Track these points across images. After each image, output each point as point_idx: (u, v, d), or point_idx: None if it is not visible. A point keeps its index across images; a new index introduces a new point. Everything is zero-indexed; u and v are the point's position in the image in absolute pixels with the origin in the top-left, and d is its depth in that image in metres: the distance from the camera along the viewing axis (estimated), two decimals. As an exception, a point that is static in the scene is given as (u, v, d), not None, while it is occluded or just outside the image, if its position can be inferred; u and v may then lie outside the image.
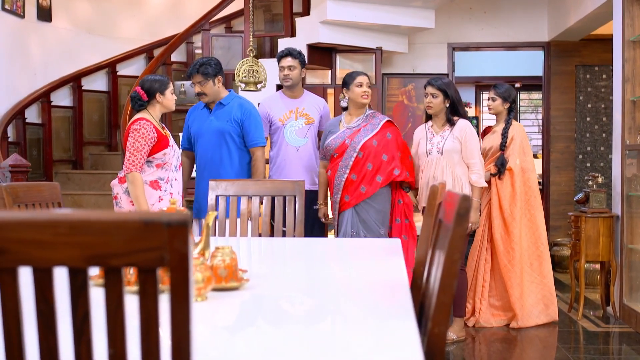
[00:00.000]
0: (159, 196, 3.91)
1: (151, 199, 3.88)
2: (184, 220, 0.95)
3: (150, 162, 3.88)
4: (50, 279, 0.98)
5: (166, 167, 3.93)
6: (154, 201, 3.90)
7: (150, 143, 3.83)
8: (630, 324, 4.78)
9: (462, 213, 1.44)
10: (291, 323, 1.48)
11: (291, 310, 1.60)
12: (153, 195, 3.90)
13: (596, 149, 7.60)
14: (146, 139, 3.80)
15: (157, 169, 3.91)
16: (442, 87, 4.34)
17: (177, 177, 4.03)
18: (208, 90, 4.18)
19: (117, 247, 0.95)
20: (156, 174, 3.91)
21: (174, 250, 0.95)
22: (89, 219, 0.95)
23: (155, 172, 3.91)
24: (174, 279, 0.97)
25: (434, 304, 1.46)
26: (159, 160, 3.89)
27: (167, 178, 3.94)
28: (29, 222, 0.95)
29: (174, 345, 0.99)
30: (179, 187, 4.05)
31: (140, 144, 3.79)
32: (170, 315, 0.97)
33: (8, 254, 0.95)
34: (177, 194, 4.02)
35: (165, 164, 3.92)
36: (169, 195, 3.96)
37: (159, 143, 3.87)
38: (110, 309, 0.99)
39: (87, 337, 1.00)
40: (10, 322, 0.99)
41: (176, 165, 4.00)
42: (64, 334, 1.01)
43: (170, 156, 3.93)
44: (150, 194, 3.88)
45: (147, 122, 3.86)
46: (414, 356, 1.19)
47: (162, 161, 3.90)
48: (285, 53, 4.50)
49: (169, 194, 3.95)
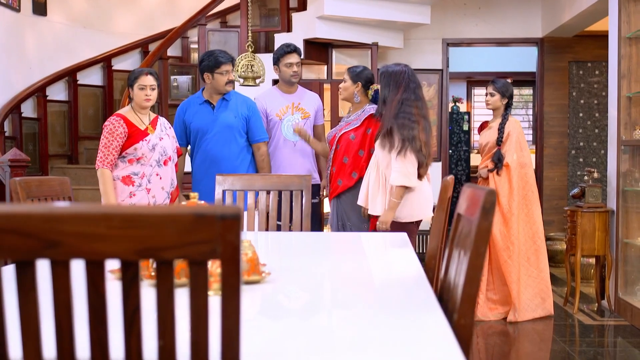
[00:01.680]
0: (131, 192, 3.90)
1: (122, 194, 3.88)
2: (236, 213, 0.97)
3: (124, 157, 3.90)
4: (102, 272, 1.00)
5: (142, 162, 3.91)
6: (124, 197, 3.89)
7: (119, 138, 3.85)
8: (626, 317, 4.84)
9: (487, 207, 1.46)
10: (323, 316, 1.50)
11: (320, 304, 1.62)
12: (124, 190, 3.89)
13: (589, 144, 7.67)
14: (114, 135, 3.84)
15: (130, 165, 3.90)
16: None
17: (162, 172, 3.99)
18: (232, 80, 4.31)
19: (169, 240, 0.97)
20: (129, 169, 3.91)
21: (226, 243, 0.97)
22: (143, 212, 0.97)
23: (128, 167, 3.91)
24: (226, 271, 0.99)
25: (460, 296, 1.48)
26: (130, 156, 3.89)
27: (143, 173, 3.92)
28: (84, 215, 0.96)
29: (224, 336, 1.00)
30: (165, 183, 4.01)
31: (108, 140, 3.84)
32: (222, 305, 0.99)
33: (62, 246, 0.97)
34: (160, 190, 3.99)
35: (140, 159, 3.91)
36: (145, 191, 3.93)
37: (131, 138, 3.88)
38: (161, 301, 1.01)
39: (137, 328, 1.01)
40: (62, 314, 1.01)
41: (159, 161, 3.97)
42: (113, 326, 1.03)
43: (146, 150, 3.91)
44: (121, 190, 3.88)
45: (118, 117, 3.91)
46: (450, 347, 1.21)
47: (135, 156, 3.89)
48: (292, 49, 4.49)
49: (144, 189, 3.93)
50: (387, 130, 3.80)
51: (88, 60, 6.89)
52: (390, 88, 3.89)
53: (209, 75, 4.09)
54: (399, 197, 3.80)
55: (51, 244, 0.96)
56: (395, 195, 3.80)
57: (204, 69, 4.13)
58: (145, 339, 1.02)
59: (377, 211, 3.89)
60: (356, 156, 4.23)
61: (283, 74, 4.51)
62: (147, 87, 3.92)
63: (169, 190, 4.05)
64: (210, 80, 4.11)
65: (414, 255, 2.34)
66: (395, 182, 3.78)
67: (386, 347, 1.28)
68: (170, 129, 4.17)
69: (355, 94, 4.28)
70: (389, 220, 3.82)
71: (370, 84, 4.32)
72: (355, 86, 4.28)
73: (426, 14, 6.64)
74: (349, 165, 4.23)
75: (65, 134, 6.71)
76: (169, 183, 4.05)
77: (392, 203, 3.80)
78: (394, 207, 3.81)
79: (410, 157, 3.78)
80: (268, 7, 7.04)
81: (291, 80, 4.51)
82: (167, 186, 4.03)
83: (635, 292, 4.91)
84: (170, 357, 1.03)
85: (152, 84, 3.95)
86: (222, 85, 4.13)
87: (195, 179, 4.35)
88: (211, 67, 4.10)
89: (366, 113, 4.28)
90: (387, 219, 3.81)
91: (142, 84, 3.93)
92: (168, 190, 4.04)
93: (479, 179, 4.99)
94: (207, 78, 4.09)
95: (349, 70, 4.34)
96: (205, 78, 4.11)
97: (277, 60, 4.52)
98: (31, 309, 1.00)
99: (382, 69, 4.02)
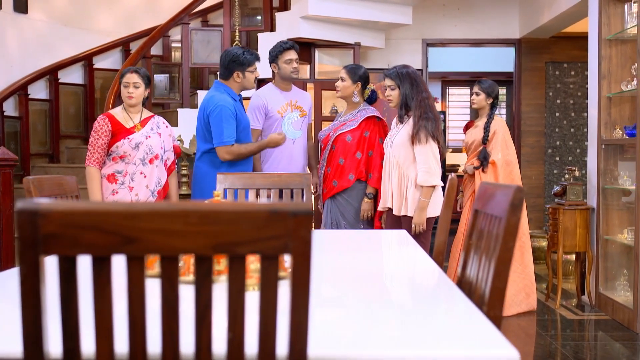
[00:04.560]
0: (113, 189, 3.95)
1: (106, 192, 3.94)
2: (308, 209, 1.01)
3: (109, 155, 3.97)
4: (176, 267, 1.03)
5: (126, 160, 3.95)
6: (107, 194, 3.93)
7: (104, 137, 3.92)
8: (607, 312, 4.97)
9: (516, 203, 1.52)
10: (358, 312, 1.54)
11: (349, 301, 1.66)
12: (108, 188, 3.95)
13: (565, 143, 7.84)
14: (99, 133, 3.93)
15: (114, 162, 3.96)
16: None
17: (147, 171, 4.00)
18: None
19: (244, 235, 1.01)
20: (113, 167, 3.96)
21: (298, 238, 1.01)
22: (218, 209, 1.01)
23: (113, 165, 3.97)
24: (296, 265, 1.03)
25: (489, 289, 1.54)
26: (114, 154, 3.95)
27: (126, 172, 3.95)
28: (162, 213, 0.99)
29: (292, 327, 1.04)
30: (150, 181, 4.02)
31: (94, 138, 3.94)
32: (291, 299, 1.03)
33: (139, 242, 1.00)
34: (144, 188, 4.00)
35: (124, 157, 3.95)
36: (128, 189, 3.95)
37: (115, 136, 3.94)
38: (232, 295, 1.04)
39: (208, 321, 1.05)
40: (136, 308, 1.04)
41: (143, 159, 3.98)
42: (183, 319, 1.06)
43: (128, 148, 3.94)
44: (105, 187, 3.95)
45: (104, 116, 3.99)
46: (494, 337, 1.27)
47: (117, 154, 3.94)
48: (291, 45, 4.48)
49: (127, 187, 3.95)
50: (418, 129, 3.86)
51: (69, 59, 6.82)
52: (412, 88, 3.95)
53: (240, 73, 4.06)
54: (428, 196, 3.87)
55: (130, 240, 1.00)
56: (424, 195, 3.86)
57: (234, 67, 4.06)
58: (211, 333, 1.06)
59: (411, 211, 3.94)
60: (353, 158, 4.26)
61: (283, 70, 4.47)
62: (130, 85, 3.98)
63: (154, 189, 4.04)
64: (240, 78, 4.07)
65: (422, 251, 2.40)
66: (424, 182, 3.86)
67: (434, 336, 1.33)
68: (167, 128, 4.17)
69: (355, 93, 4.33)
70: (424, 220, 3.88)
71: (367, 83, 4.37)
72: (355, 86, 4.32)
73: (408, 15, 6.73)
74: (345, 167, 4.27)
75: (46, 133, 6.64)
76: (155, 182, 4.05)
77: (423, 203, 3.87)
78: (425, 207, 3.87)
79: (437, 155, 3.89)
80: (250, 6, 7.05)
81: (292, 77, 4.49)
82: (152, 184, 4.03)
83: (616, 287, 5.04)
84: (239, 350, 1.06)
85: (136, 81, 3.98)
86: (252, 83, 4.13)
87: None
88: (243, 65, 4.07)
89: (363, 114, 4.31)
90: (421, 219, 3.88)
91: (126, 81, 4.01)
92: (153, 188, 4.04)
93: (465, 176, 5.08)
94: (237, 76, 4.06)
95: (347, 69, 4.36)
96: (235, 76, 4.08)
97: (275, 58, 4.48)
98: (106, 304, 1.03)
99: (393, 71, 4.04)
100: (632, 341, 4.40)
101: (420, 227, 3.88)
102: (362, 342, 1.31)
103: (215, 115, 3.93)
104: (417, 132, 3.86)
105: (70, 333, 1.03)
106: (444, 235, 2.42)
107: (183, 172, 5.27)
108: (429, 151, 3.86)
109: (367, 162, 4.27)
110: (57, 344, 1.04)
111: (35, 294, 1.00)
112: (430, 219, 3.95)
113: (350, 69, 4.35)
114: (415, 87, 3.95)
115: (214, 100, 3.97)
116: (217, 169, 3.93)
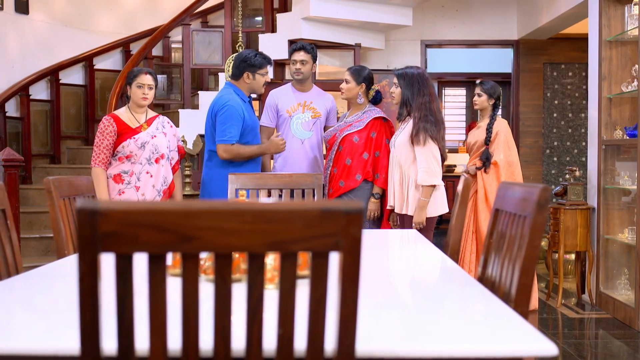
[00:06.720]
0: (120, 189, 3.96)
1: (112, 192, 3.95)
2: (360, 208, 1.04)
3: (115, 155, 3.97)
4: (229, 264, 1.06)
5: (132, 160, 3.97)
6: (114, 195, 3.94)
7: (109, 137, 3.92)
8: (608, 310, 5.03)
9: (542, 202, 1.56)
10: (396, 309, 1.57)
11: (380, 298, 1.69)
12: (114, 188, 3.96)
13: (563, 143, 7.90)
14: (104, 134, 3.93)
15: (120, 162, 3.97)
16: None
17: (153, 170, 4.02)
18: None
19: (297, 233, 1.04)
20: (119, 167, 3.97)
21: (349, 236, 1.04)
22: (272, 208, 1.04)
23: (119, 165, 3.97)
24: (347, 262, 1.05)
25: (516, 287, 1.58)
26: (120, 154, 3.96)
27: (132, 171, 3.97)
28: (218, 211, 1.02)
29: (341, 323, 1.07)
30: (156, 181, 4.03)
31: (99, 139, 3.94)
32: (340, 295, 1.06)
33: (195, 240, 1.03)
34: (150, 188, 4.01)
35: (130, 157, 3.96)
36: (134, 189, 3.97)
37: (120, 136, 3.94)
38: (284, 291, 1.07)
39: (259, 317, 1.08)
40: (189, 305, 1.06)
41: (150, 158, 4.00)
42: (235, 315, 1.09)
43: (134, 148, 3.95)
44: (112, 187, 3.95)
45: (109, 116, 3.99)
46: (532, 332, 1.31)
47: (124, 154, 3.95)
48: (299, 47, 4.51)
49: (133, 187, 3.97)
50: (417, 130, 3.91)
51: (70, 60, 6.82)
52: (414, 90, 3.99)
53: (250, 74, 4.08)
54: (428, 195, 3.92)
55: (186, 238, 1.02)
56: (424, 195, 3.91)
57: (245, 68, 4.08)
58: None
59: (411, 210, 3.99)
60: (360, 158, 4.29)
61: (290, 71, 4.56)
62: (144, 86, 3.98)
63: (160, 188, 4.07)
64: (250, 80, 4.09)
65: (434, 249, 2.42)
66: (424, 182, 3.91)
67: (475, 332, 1.36)
68: (172, 128, 4.19)
69: (359, 95, 4.35)
70: (424, 219, 3.94)
71: (372, 84, 4.39)
72: (360, 87, 4.35)
73: (408, 16, 6.77)
74: (352, 167, 4.29)
75: (47, 134, 6.64)
76: (161, 181, 4.07)
77: (422, 202, 3.92)
78: (424, 206, 3.93)
79: (437, 156, 3.93)
80: (250, 7, 7.07)
81: (294, 77, 4.55)
82: (158, 184, 4.05)
83: (617, 286, 5.10)
84: (288, 345, 1.09)
85: (150, 83, 4.01)
86: (261, 86, 4.14)
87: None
88: (254, 67, 4.08)
89: (369, 115, 4.34)
90: (421, 219, 3.93)
91: (140, 82, 3.99)
92: (159, 188, 4.06)
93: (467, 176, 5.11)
94: (247, 77, 4.08)
95: (351, 71, 4.39)
96: (245, 77, 4.09)
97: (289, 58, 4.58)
98: (160, 301, 1.06)
99: (401, 70, 4.08)
100: (633, 339, 4.45)
101: (420, 226, 3.94)
102: (408, 338, 1.34)
103: (222, 113, 3.96)
104: (416, 134, 3.93)
105: (126, 330, 1.06)
106: (459, 234, 2.45)
107: (186, 172, 5.28)
108: (428, 151, 3.92)
109: (374, 163, 4.29)
110: (112, 341, 1.06)
111: (93, 291, 1.02)
112: (431, 218, 3.99)
113: (354, 71, 4.38)
114: (418, 89, 3.99)
115: (222, 99, 4.00)
116: (226, 169, 3.94)
